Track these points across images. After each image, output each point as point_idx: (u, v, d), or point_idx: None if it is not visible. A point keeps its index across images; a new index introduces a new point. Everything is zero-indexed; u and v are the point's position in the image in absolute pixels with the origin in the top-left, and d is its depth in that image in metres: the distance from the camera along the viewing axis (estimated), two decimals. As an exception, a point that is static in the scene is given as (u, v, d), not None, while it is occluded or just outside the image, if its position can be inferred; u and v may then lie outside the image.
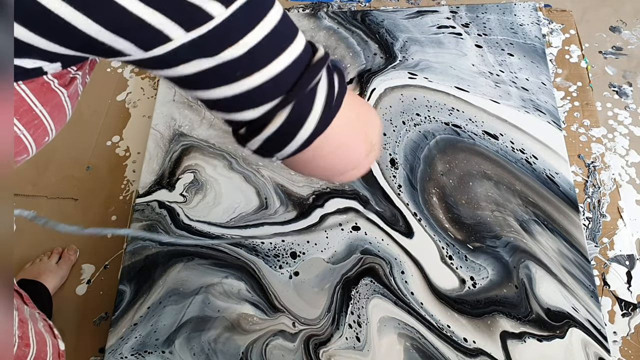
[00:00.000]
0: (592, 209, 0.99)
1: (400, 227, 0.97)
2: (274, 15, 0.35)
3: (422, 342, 0.86)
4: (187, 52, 0.32)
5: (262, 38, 0.34)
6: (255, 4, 0.34)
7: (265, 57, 0.35)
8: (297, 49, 0.37)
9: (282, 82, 0.36)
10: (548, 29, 1.21)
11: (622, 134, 1.09)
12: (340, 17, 1.26)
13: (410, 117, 1.09)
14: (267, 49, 0.35)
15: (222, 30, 0.32)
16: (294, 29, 0.38)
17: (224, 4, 0.31)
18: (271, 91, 0.36)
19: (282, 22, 0.36)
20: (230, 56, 0.33)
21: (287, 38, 0.36)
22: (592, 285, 0.89)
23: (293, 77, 0.36)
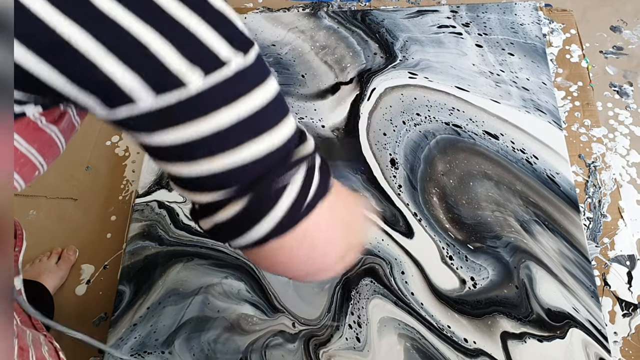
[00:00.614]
0: (593, 209, 0.98)
1: (400, 227, 0.96)
2: (260, 95, 0.31)
3: (422, 343, 0.86)
4: (153, 119, 0.28)
5: (238, 119, 0.30)
6: (243, 78, 0.30)
7: (234, 141, 0.30)
8: (277, 138, 0.32)
9: (246, 172, 0.31)
10: (548, 29, 1.21)
11: (622, 134, 1.09)
12: (340, 16, 1.25)
13: (411, 117, 1.08)
14: (240, 133, 0.30)
15: (194, 101, 0.28)
16: (281, 112, 0.33)
17: (204, 72, 0.28)
18: (230, 179, 0.31)
19: (269, 104, 0.31)
20: (195, 133, 0.29)
21: (267, 123, 0.31)
22: (592, 286, 0.89)
23: (261, 170, 0.31)
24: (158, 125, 0.29)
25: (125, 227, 1.04)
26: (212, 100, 0.29)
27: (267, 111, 0.31)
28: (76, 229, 1.07)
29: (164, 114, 0.28)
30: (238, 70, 0.29)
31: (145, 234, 1.00)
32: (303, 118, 1.10)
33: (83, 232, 1.06)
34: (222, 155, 0.30)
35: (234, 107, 0.29)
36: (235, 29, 0.30)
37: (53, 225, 1.08)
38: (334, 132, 1.08)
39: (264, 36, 1.23)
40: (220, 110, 0.29)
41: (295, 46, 1.21)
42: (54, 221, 1.09)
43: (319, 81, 1.15)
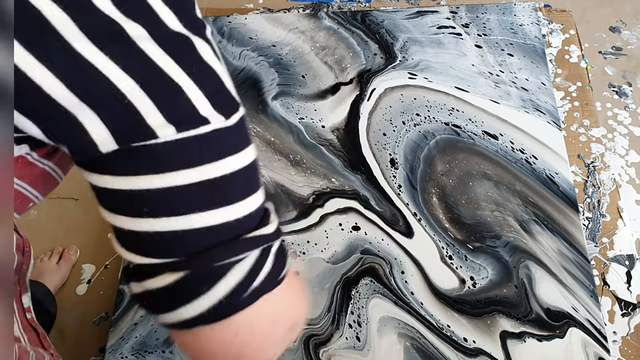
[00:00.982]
0: (592, 209, 0.99)
1: (400, 227, 0.97)
2: (231, 164, 0.28)
3: (422, 342, 0.86)
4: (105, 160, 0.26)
5: (197, 183, 0.27)
6: (216, 141, 0.27)
7: (185, 206, 0.27)
8: (234, 214, 0.29)
9: (189, 242, 0.28)
10: (548, 29, 1.22)
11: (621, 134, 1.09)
12: (340, 17, 1.26)
13: (410, 117, 1.09)
14: (195, 198, 0.27)
15: (157, 153, 0.26)
16: (248, 188, 0.30)
17: (177, 128, 0.26)
18: (170, 246, 0.28)
19: (237, 175, 0.29)
20: (147, 185, 0.26)
21: (229, 196, 0.29)
22: (591, 285, 0.89)
23: (206, 244, 0.28)
24: (112, 169, 0.27)
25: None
26: (176, 156, 0.26)
27: (233, 183, 0.29)
28: (77, 229, 1.07)
29: (121, 158, 0.26)
30: (214, 130, 0.27)
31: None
32: (303, 118, 1.11)
33: (84, 232, 1.06)
34: (168, 217, 0.27)
35: (197, 170, 0.27)
36: (222, 89, 0.29)
37: (54, 225, 1.08)
38: (334, 132, 1.08)
39: (265, 37, 1.23)
40: (182, 168, 0.27)
41: (296, 47, 1.21)
42: (55, 221, 1.09)
43: (319, 81, 1.15)
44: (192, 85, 0.27)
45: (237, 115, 0.29)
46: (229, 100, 0.29)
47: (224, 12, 1.30)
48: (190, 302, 0.29)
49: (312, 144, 1.07)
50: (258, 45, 1.22)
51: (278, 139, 1.09)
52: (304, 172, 1.04)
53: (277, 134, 1.10)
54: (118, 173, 0.26)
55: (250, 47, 1.21)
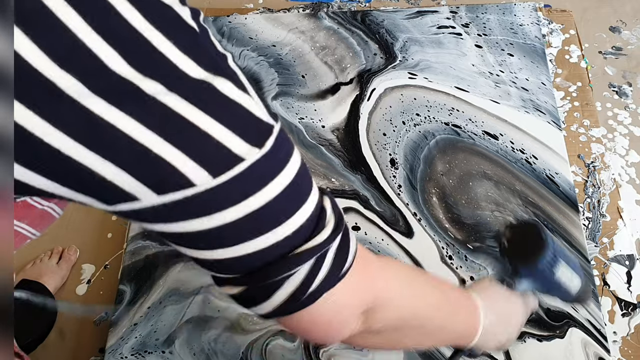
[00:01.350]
0: (592, 209, 0.99)
1: (400, 227, 0.97)
2: (274, 187, 0.29)
3: (422, 342, 0.86)
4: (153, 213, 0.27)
5: (244, 216, 0.28)
6: (256, 173, 0.28)
7: (236, 237, 0.29)
8: (283, 231, 0.30)
9: (245, 264, 0.30)
10: (548, 29, 1.22)
11: (622, 134, 1.09)
12: (340, 17, 1.26)
13: (410, 117, 1.09)
14: (243, 229, 0.29)
15: (200, 200, 0.27)
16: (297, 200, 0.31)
17: (212, 173, 0.26)
18: (228, 269, 0.31)
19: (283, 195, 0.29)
20: (197, 227, 0.28)
21: (276, 218, 0.30)
22: (592, 285, 0.89)
23: (261, 262, 0.30)
24: (160, 219, 0.28)
25: (126, 227, 1.04)
26: (219, 199, 0.27)
27: (278, 205, 0.29)
28: (77, 229, 1.07)
29: (167, 210, 0.27)
30: (251, 165, 0.27)
31: (146, 233, 1.00)
32: (303, 118, 1.11)
33: (84, 232, 1.06)
34: (222, 249, 0.29)
35: (241, 205, 0.28)
36: (251, 119, 0.28)
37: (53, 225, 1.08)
38: (334, 132, 1.08)
39: (265, 37, 1.23)
40: (227, 209, 0.27)
41: (296, 47, 1.21)
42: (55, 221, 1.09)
43: (319, 81, 1.15)
44: (221, 128, 0.26)
45: (271, 139, 0.29)
46: (261, 128, 0.29)
47: (224, 12, 1.30)
48: (255, 306, 0.33)
49: (312, 144, 1.07)
50: (258, 45, 1.22)
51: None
52: (304, 172, 1.04)
53: (277, 134, 1.10)
54: (167, 221, 0.28)
55: (250, 47, 1.21)
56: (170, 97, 0.25)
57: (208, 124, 0.26)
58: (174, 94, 0.25)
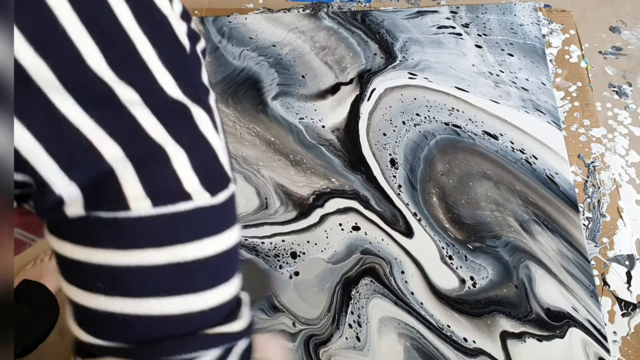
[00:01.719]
0: (592, 209, 0.99)
1: (400, 227, 0.97)
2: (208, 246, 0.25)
3: (422, 342, 0.86)
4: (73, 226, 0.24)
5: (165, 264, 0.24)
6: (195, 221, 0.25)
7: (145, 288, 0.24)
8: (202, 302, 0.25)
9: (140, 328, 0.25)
10: (548, 29, 1.22)
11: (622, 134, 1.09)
12: (340, 17, 1.26)
13: (410, 117, 1.09)
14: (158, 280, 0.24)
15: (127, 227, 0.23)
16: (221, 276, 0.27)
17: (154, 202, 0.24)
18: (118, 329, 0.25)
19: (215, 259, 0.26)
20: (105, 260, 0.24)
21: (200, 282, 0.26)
22: (592, 285, 0.89)
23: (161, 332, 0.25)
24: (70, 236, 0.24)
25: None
26: (145, 234, 0.24)
27: (204, 269, 0.25)
28: (77, 229, 1.07)
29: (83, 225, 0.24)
30: (195, 209, 0.25)
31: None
32: (303, 118, 1.11)
33: (84, 232, 1.06)
34: (123, 297, 0.24)
35: (166, 250, 0.24)
36: (214, 163, 0.26)
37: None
38: (334, 133, 1.09)
39: (264, 37, 1.23)
40: (148, 247, 0.24)
41: (296, 47, 1.21)
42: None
43: (319, 81, 1.15)
44: (181, 156, 0.24)
45: (225, 192, 0.26)
46: (219, 176, 0.26)
47: (224, 12, 1.30)
48: None
49: (312, 144, 1.07)
50: (258, 45, 1.22)
51: (278, 139, 1.09)
52: (304, 172, 1.04)
53: (277, 134, 1.10)
54: (78, 242, 0.24)
55: (250, 47, 1.21)
56: (142, 110, 0.23)
57: (171, 148, 0.24)
58: (146, 108, 0.24)
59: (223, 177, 0.26)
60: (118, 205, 0.23)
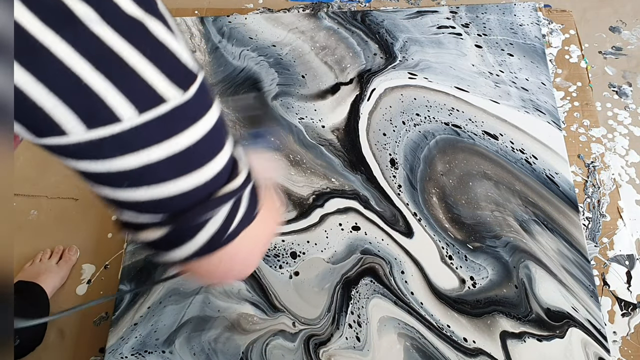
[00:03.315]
0: (592, 209, 0.99)
1: (400, 227, 0.97)
2: (195, 132, 0.30)
3: (422, 342, 0.86)
4: (79, 149, 0.28)
5: (168, 157, 0.29)
6: (179, 115, 0.29)
7: (160, 177, 0.30)
8: (203, 176, 0.32)
9: (169, 205, 0.31)
10: (548, 29, 1.22)
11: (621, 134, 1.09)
12: (340, 17, 1.26)
13: (410, 117, 1.09)
14: (167, 169, 0.30)
15: (126, 137, 0.28)
16: (214, 148, 0.32)
17: (139, 109, 0.27)
18: (151, 209, 0.32)
19: (202, 140, 0.31)
20: (122, 166, 0.29)
21: (197, 161, 0.31)
22: (592, 285, 0.89)
23: (183, 204, 0.32)
24: (86, 156, 0.28)
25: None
26: (144, 137, 0.28)
27: (199, 149, 0.31)
28: (77, 229, 1.07)
29: (93, 147, 0.27)
30: (175, 107, 0.29)
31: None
32: (303, 118, 1.11)
33: (84, 232, 1.06)
34: (145, 188, 0.30)
35: (165, 145, 0.29)
36: (178, 64, 0.29)
37: (54, 225, 1.08)
38: (334, 132, 1.08)
39: (265, 37, 1.23)
40: (151, 147, 0.29)
41: (296, 47, 1.21)
42: (55, 221, 1.09)
43: (319, 81, 1.15)
44: (150, 67, 0.27)
45: (195, 85, 0.30)
46: (186, 73, 0.30)
47: (224, 12, 1.30)
48: (177, 248, 0.34)
49: (312, 144, 1.07)
50: (258, 45, 1.22)
51: (278, 139, 1.09)
52: (304, 172, 1.04)
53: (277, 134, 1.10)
54: (93, 158, 0.28)
55: (250, 47, 1.21)
56: (103, 27, 0.26)
57: (137, 61, 0.27)
58: (106, 25, 0.26)
59: (189, 73, 0.30)
60: (110, 118, 0.27)
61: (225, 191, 0.33)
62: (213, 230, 0.34)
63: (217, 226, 0.34)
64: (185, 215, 0.32)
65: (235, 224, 0.35)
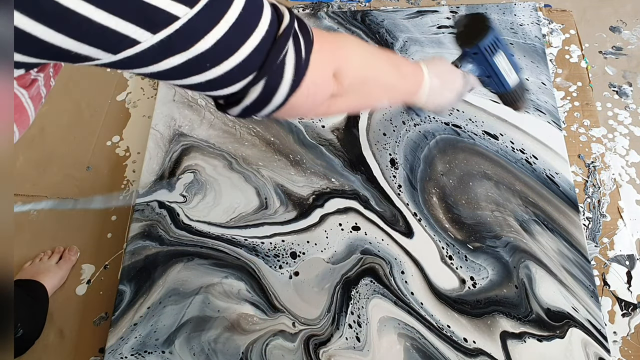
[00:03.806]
0: (592, 209, 0.99)
1: (400, 227, 0.97)
2: (238, 4, 0.36)
3: (422, 342, 0.86)
4: (156, 52, 0.33)
5: (227, 30, 0.35)
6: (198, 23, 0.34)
7: (231, 47, 0.36)
8: (262, 30, 0.38)
9: (250, 63, 0.38)
10: (548, 29, 1.21)
11: (622, 134, 1.09)
12: (341, 17, 1.26)
13: (410, 117, 1.08)
14: (233, 39, 0.36)
15: (188, 29, 0.33)
16: (259, 8, 0.39)
17: (188, 5, 0.32)
18: (241, 73, 0.39)
19: (246, 7, 0.37)
20: (198, 51, 0.35)
21: (252, 23, 0.38)
22: (592, 285, 0.89)
23: (261, 56, 0.39)
24: (162, 57, 0.34)
25: (126, 227, 1.04)
26: (203, 23, 0.34)
27: (248, 13, 0.37)
28: (76, 229, 1.07)
29: (165, 46, 0.33)
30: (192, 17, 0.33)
31: (146, 233, 1.00)
32: (303, 118, 1.10)
33: (83, 232, 1.06)
34: (226, 60, 0.37)
35: (222, 22, 0.35)
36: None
37: (53, 225, 1.08)
38: (334, 132, 1.08)
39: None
40: (213, 28, 0.34)
41: (295, 46, 1.21)
42: (55, 221, 1.09)
43: (319, 81, 1.15)
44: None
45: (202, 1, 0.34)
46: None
47: (223, 11, 1.29)
48: (277, 92, 0.42)
49: (312, 144, 1.07)
50: None
51: (278, 139, 1.09)
52: (304, 172, 1.04)
53: (277, 134, 1.09)
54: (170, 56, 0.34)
55: (250, 47, 1.21)
56: None
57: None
58: None
59: None
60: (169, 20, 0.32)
61: (282, 30, 0.40)
62: (292, 63, 0.41)
63: (293, 58, 0.41)
64: (267, 61, 0.39)
65: (303, 50, 0.42)
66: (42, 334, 0.96)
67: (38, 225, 1.09)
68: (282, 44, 0.40)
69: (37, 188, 1.13)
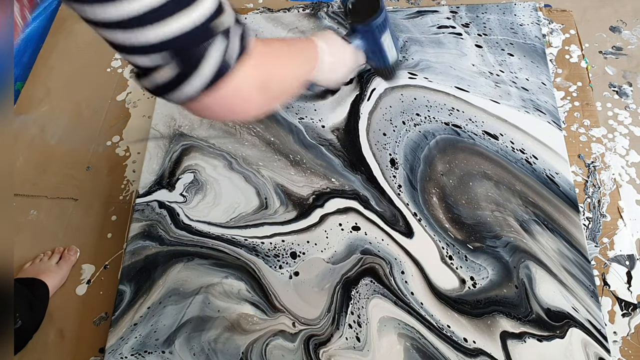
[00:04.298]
0: (592, 209, 0.99)
1: (400, 227, 0.97)
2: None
3: (422, 342, 0.86)
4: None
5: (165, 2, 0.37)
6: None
7: (161, 16, 0.38)
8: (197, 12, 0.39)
9: (174, 40, 0.39)
10: (548, 29, 1.21)
11: (622, 134, 1.09)
12: (341, 17, 1.26)
13: (410, 117, 1.09)
14: (166, 9, 0.37)
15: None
16: None
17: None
18: (162, 46, 0.39)
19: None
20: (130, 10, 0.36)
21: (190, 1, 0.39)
22: (592, 285, 0.89)
23: (186, 38, 0.39)
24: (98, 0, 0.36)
25: (126, 227, 1.04)
26: None
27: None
28: (77, 229, 1.07)
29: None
30: None
31: (146, 233, 1.00)
32: (303, 118, 1.11)
33: (83, 232, 1.06)
34: (152, 26, 0.38)
35: None
36: None
37: (53, 225, 1.08)
38: (334, 132, 1.08)
39: (264, 36, 1.23)
40: None
41: (296, 46, 1.21)
42: (55, 221, 1.09)
43: (319, 81, 1.15)
44: None
45: None
46: None
47: (223, 12, 1.29)
48: (187, 82, 0.41)
49: (312, 144, 1.07)
50: None
51: (278, 139, 1.09)
52: (304, 172, 1.04)
53: (277, 134, 1.10)
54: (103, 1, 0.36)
55: (250, 47, 1.21)
56: None
57: None
58: None
59: None
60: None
61: (215, 24, 0.40)
62: (214, 62, 0.41)
63: (216, 57, 0.41)
64: (189, 47, 0.39)
65: (229, 57, 0.42)
66: (42, 334, 0.96)
67: (38, 225, 1.09)
68: (208, 34, 0.40)
69: (37, 188, 1.13)
